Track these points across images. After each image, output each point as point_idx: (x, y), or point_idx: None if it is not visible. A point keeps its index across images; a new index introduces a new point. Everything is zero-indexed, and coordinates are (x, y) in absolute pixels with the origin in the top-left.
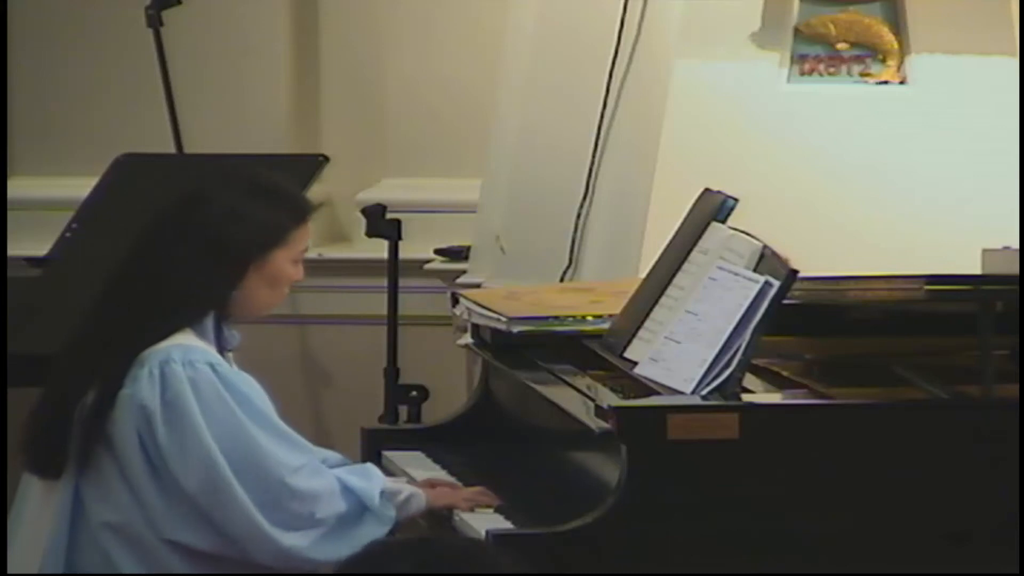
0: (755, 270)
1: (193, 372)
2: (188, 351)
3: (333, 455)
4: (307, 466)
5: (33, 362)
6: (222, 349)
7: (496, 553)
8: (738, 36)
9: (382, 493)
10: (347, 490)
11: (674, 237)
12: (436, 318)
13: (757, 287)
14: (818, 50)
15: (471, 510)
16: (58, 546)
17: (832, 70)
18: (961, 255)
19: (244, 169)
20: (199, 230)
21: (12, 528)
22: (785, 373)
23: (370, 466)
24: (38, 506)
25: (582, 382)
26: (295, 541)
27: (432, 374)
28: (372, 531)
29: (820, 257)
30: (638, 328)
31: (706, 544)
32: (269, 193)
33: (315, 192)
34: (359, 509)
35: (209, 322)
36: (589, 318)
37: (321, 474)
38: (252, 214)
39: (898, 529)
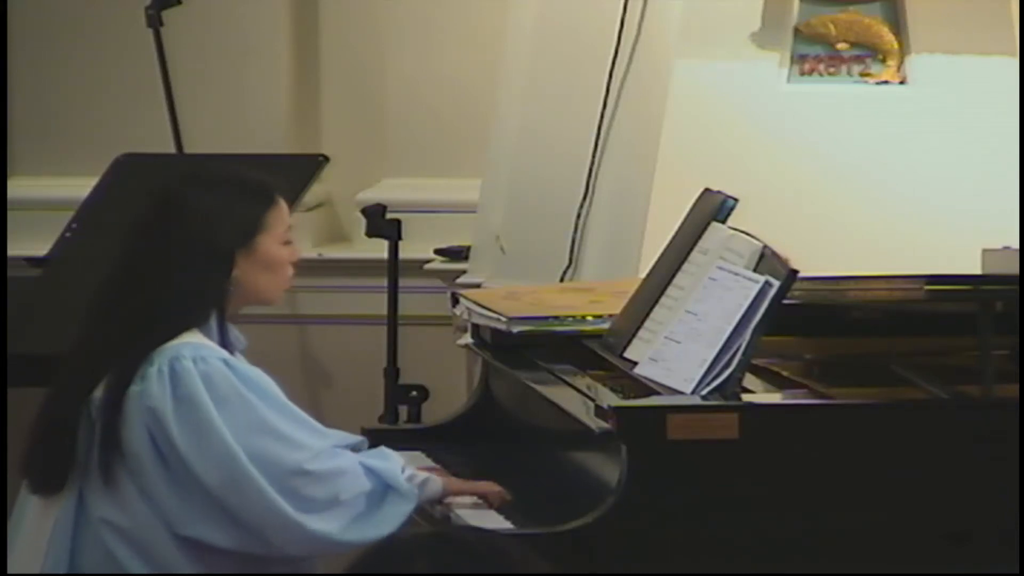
0: (755, 270)
1: (205, 367)
2: (198, 348)
3: (348, 436)
4: (326, 450)
5: (33, 362)
6: (229, 351)
7: (513, 547)
8: (738, 36)
9: (403, 470)
10: (368, 470)
11: (674, 237)
12: (436, 318)
13: (757, 287)
14: (818, 50)
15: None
16: (60, 546)
17: (832, 70)
18: (961, 255)
19: (203, 167)
20: (178, 234)
21: (13, 528)
22: (785, 373)
23: (385, 448)
24: (38, 506)
25: (582, 382)
26: (323, 525)
27: (432, 374)
28: (398, 509)
29: (820, 257)
30: (638, 328)
31: (706, 544)
32: (232, 184)
33: (315, 192)
34: (382, 488)
35: (214, 323)
36: (589, 318)
37: (342, 455)
38: (222, 210)
39: (898, 529)
